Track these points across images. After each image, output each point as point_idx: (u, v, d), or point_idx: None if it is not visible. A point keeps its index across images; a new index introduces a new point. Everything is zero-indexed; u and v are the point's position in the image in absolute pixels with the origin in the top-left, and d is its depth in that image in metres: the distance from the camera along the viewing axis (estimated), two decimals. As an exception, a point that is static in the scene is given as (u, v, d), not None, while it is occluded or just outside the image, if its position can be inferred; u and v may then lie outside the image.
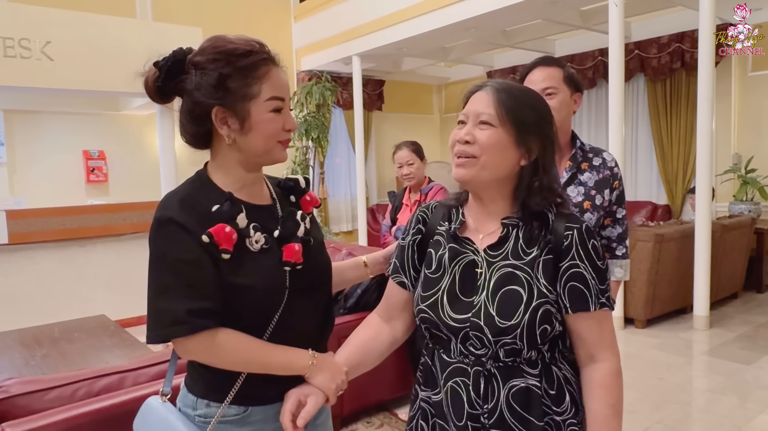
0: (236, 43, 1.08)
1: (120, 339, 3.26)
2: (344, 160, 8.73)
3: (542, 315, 1.05)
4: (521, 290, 1.07)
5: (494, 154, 1.08)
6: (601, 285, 1.09)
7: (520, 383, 1.08)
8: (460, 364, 1.11)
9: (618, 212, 1.95)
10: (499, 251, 1.11)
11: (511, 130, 1.08)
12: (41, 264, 4.82)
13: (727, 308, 5.24)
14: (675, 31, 6.45)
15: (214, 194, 1.10)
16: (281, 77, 1.12)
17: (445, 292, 1.13)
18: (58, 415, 1.38)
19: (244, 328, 1.06)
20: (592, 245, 1.09)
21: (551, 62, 1.82)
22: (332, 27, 7.37)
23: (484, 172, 1.09)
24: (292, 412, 1.07)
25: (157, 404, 1.14)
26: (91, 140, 6.63)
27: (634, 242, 4.60)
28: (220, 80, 1.05)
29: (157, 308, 1.02)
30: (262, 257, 1.09)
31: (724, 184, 6.28)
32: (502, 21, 6.00)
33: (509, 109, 1.08)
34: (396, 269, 1.25)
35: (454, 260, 1.15)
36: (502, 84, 1.13)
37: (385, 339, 1.24)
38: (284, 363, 1.10)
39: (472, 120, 1.10)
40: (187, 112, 1.10)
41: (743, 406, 3.20)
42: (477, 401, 1.09)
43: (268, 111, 1.08)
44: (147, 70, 1.11)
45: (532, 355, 1.08)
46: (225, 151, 1.12)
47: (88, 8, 5.45)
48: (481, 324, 1.07)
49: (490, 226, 1.14)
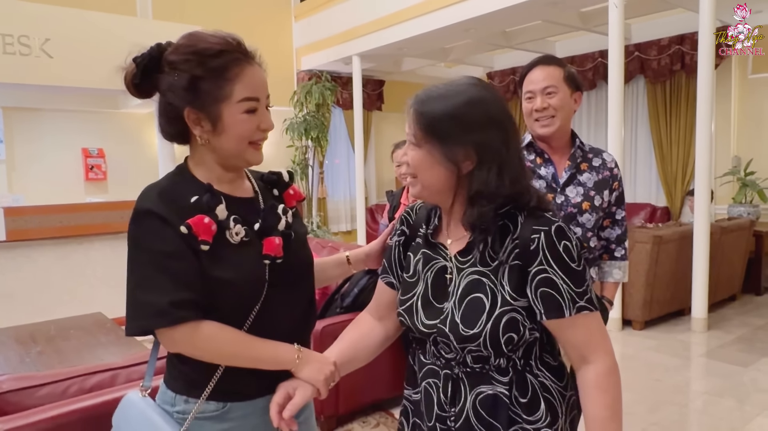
0: (210, 41, 1.06)
1: (116, 337, 3.25)
2: (344, 160, 8.72)
3: (506, 323, 1.03)
4: (484, 298, 1.05)
5: (424, 172, 1.07)
6: (578, 288, 1.02)
7: (487, 390, 1.08)
8: (433, 366, 1.13)
9: (617, 213, 1.94)
10: (467, 257, 1.10)
11: (432, 147, 1.04)
12: (39, 261, 4.82)
13: (725, 310, 5.23)
14: (675, 33, 6.44)
15: (194, 187, 1.09)
16: (256, 76, 1.09)
17: (420, 298, 1.13)
18: (49, 412, 1.37)
19: (223, 321, 1.05)
20: (563, 247, 1.02)
21: (551, 61, 1.81)
22: (332, 27, 7.36)
23: (425, 191, 1.10)
24: (280, 404, 1.06)
25: (137, 398, 1.13)
26: (90, 138, 6.63)
27: (632, 244, 4.59)
28: (191, 82, 1.04)
29: (138, 299, 1.01)
30: (242, 250, 1.09)
31: (724, 187, 6.27)
32: (502, 22, 6.00)
33: (425, 127, 1.04)
34: (384, 269, 1.26)
35: (427, 266, 1.15)
36: (426, 97, 1.07)
37: (376, 336, 1.25)
38: (271, 356, 1.09)
39: (408, 141, 1.10)
40: (162, 111, 1.10)
41: (741, 408, 3.19)
42: (445, 403, 1.10)
43: (240, 112, 1.07)
44: (127, 65, 1.09)
45: (501, 362, 1.07)
46: (201, 150, 1.12)
47: (88, 6, 5.45)
48: (446, 331, 1.07)
49: (459, 232, 1.13)
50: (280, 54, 7.85)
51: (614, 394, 1.06)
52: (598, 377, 1.05)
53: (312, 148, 7.67)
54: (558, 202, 1.80)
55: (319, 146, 7.57)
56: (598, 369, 1.05)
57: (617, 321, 4.68)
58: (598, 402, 1.05)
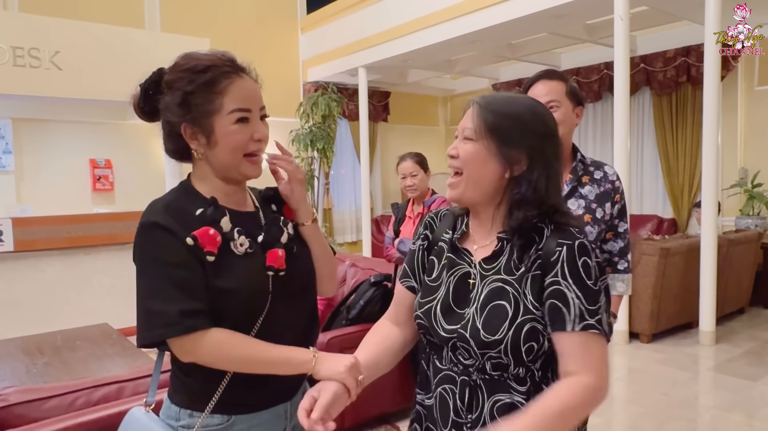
0: (199, 59, 1.10)
1: (122, 348, 3.26)
2: (349, 171, 8.75)
3: (527, 332, 1.03)
4: (508, 305, 1.05)
5: (474, 167, 1.08)
6: (590, 306, 1.01)
7: (505, 398, 1.07)
8: (450, 372, 1.12)
9: (620, 226, 1.94)
10: (492, 265, 1.10)
11: (491, 143, 1.07)
12: (46, 271, 4.85)
13: (733, 323, 5.19)
14: (680, 45, 6.45)
15: (198, 201, 1.12)
16: (246, 87, 1.12)
17: (440, 302, 1.13)
18: (55, 424, 1.38)
19: None
20: (583, 263, 1.02)
21: (554, 76, 1.82)
22: (338, 39, 7.42)
23: (469, 189, 1.10)
24: (307, 409, 1.02)
25: (140, 414, 1.14)
26: (97, 149, 6.68)
27: (639, 256, 4.57)
28: (183, 98, 1.08)
29: (148, 310, 1.03)
30: (246, 261, 1.11)
31: (731, 199, 6.25)
32: (508, 34, 6.03)
33: (489, 123, 1.08)
34: (405, 273, 1.25)
35: (451, 270, 1.15)
36: (492, 98, 1.12)
37: (397, 340, 1.24)
38: (285, 358, 1.08)
39: (460, 135, 1.12)
40: (164, 130, 1.14)
41: (750, 423, 3.15)
42: (462, 409, 1.09)
43: (231, 123, 1.09)
44: (135, 92, 1.14)
45: (520, 372, 1.06)
46: (201, 164, 1.15)
47: (97, 19, 5.52)
48: (467, 336, 1.06)
49: (486, 239, 1.14)
50: (287, 66, 7.90)
51: (577, 403, 0.98)
52: (574, 382, 1.00)
53: (318, 159, 7.70)
54: None
55: (325, 157, 7.60)
56: (581, 379, 1.00)
57: (624, 334, 4.65)
58: (557, 394, 0.98)
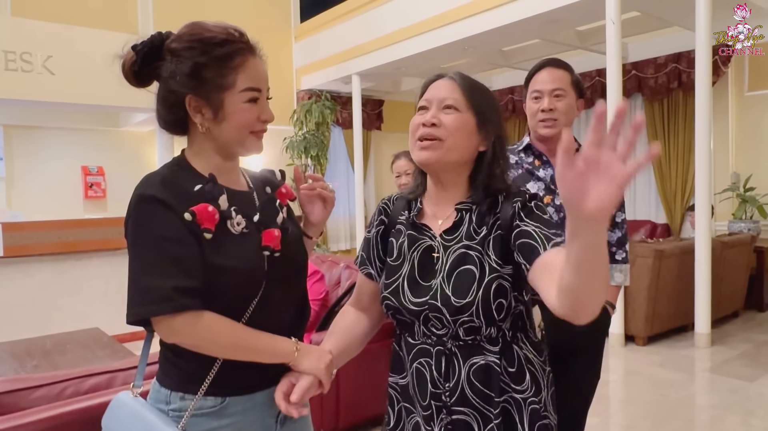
0: (213, 31, 1.07)
1: (112, 351, 3.21)
2: (343, 179, 8.74)
3: (496, 289, 1.07)
4: (474, 268, 1.10)
5: (459, 137, 1.12)
6: (551, 230, 1.07)
7: (480, 360, 1.10)
8: (424, 345, 1.15)
9: (617, 216, 1.93)
10: (453, 235, 1.15)
11: (473, 116, 1.14)
12: (36, 277, 4.79)
13: (728, 326, 5.18)
14: (672, 52, 6.52)
15: (195, 177, 1.09)
16: (258, 67, 1.10)
17: (406, 278, 1.16)
18: (42, 413, 1.34)
19: (222, 314, 1.04)
20: (535, 205, 1.12)
21: (559, 65, 1.82)
22: (332, 46, 7.45)
23: (450, 155, 1.13)
24: (285, 392, 1.07)
25: (128, 399, 1.10)
26: (90, 156, 6.64)
27: (633, 258, 4.57)
28: (194, 69, 1.04)
29: (140, 285, 0.99)
30: (242, 240, 1.08)
31: (723, 203, 6.28)
32: (500, 40, 6.07)
33: (472, 96, 1.14)
34: (363, 261, 1.28)
35: (413, 246, 1.18)
36: (463, 74, 1.19)
37: (364, 325, 1.27)
38: (270, 348, 1.08)
39: (436, 105, 1.14)
40: (162, 99, 1.10)
41: (747, 423, 3.13)
42: (439, 380, 1.12)
43: (243, 101, 1.07)
44: (125, 53, 1.09)
45: (492, 332, 1.10)
46: (200, 138, 1.11)
47: (90, 23, 5.52)
48: (438, 305, 1.10)
49: (446, 211, 1.18)
50: (281, 74, 7.91)
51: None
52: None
53: (312, 166, 7.69)
54: (557, 203, 1.79)
55: (318, 164, 7.58)
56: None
57: (620, 336, 4.63)
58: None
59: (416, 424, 1.16)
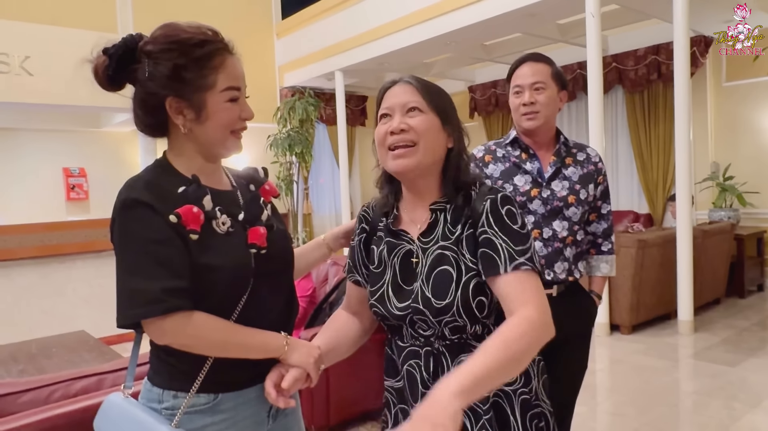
0: (189, 31, 1.06)
1: (99, 353, 3.19)
2: (328, 176, 8.73)
3: (474, 288, 1.07)
4: (450, 269, 1.10)
5: (431, 137, 1.11)
6: (517, 247, 1.05)
7: (467, 357, 1.06)
8: (413, 347, 1.16)
9: (603, 207, 1.96)
10: (430, 237, 1.15)
11: (435, 115, 1.13)
12: (19, 281, 4.72)
13: (710, 313, 5.27)
14: (651, 44, 6.59)
15: (178, 179, 1.09)
16: (236, 66, 1.11)
17: (389, 284, 1.17)
18: (32, 417, 1.33)
19: (212, 312, 1.04)
20: (506, 210, 1.09)
21: (540, 58, 1.85)
22: (314, 43, 7.42)
23: (426, 157, 1.12)
24: (275, 382, 1.08)
25: (119, 400, 1.10)
26: (71, 157, 6.56)
27: (617, 248, 4.57)
28: (174, 71, 1.04)
29: (129, 288, 0.99)
30: (228, 239, 1.09)
31: (703, 192, 6.38)
32: (482, 34, 6.09)
33: (431, 96, 1.14)
34: (350, 269, 1.29)
35: (392, 253, 1.19)
36: (419, 79, 1.17)
37: (355, 329, 1.29)
38: (261, 343, 1.09)
39: (399, 110, 1.13)
40: (140, 102, 1.09)
41: (730, 406, 3.20)
42: (429, 380, 1.12)
43: (224, 101, 1.07)
44: (96, 57, 1.08)
45: (477, 329, 1.11)
46: (181, 140, 1.11)
47: (68, 23, 5.43)
48: (420, 308, 1.10)
49: (422, 215, 1.18)
50: (263, 71, 7.87)
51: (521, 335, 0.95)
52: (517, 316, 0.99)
53: (296, 163, 7.66)
54: (544, 196, 1.82)
55: (303, 162, 7.57)
56: (521, 312, 0.99)
57: (605, 326, 4.69)
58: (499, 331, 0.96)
59: None
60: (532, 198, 1.81)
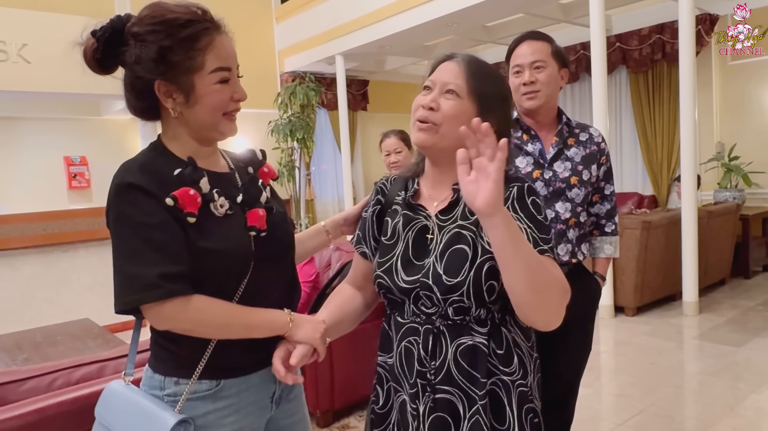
0: (176, 11, 1.02)
1: (104, 341, 3.20)
2: (330, 161, 8.69)
3: (487, 271, 1.06)
4: (467, 248, 1.09)
5: (454, 125, 1.07)
6: (542, 234, 1.07)
7: (467, 341, 1.10)
8: (413, 323, 1.15)
9: (606, 188, 1.93)
10: (449, 215, 1.15)
11: (474, 103, 1.11)
12: (22, 270, 4.73)
13: (715, 294, 5.26)
14: (655, 23, 6.49)
15: (173, 161, 1.06)
16: (226, 45, 1.07)
17: (399, 257, 1.16)
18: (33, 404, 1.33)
19: (213, 296, 1.03)
20: (532, 201, 1.10)
21: (539, 36, 1.81)
22: (314, 27, 7.34)
23: (443, 141, 1.11)
24: (283, 358, 1.07)
25: (120, 387, 1.09)
26: (72, 146, 6.54)
27: (621, 230, 4.56)
28: (160, 53, 1.00)
29: (126, 274, 0.98)
30: (227, 222, 1.07)
31: (708, 173, 6.32)
32: (483, 16, 6.01)
33: (476, 83, 1.12)
34: (359, 240, 1.29)
35: (408, 226, 1.18)
36: (472, 57, 1.16)
37: (359, 303, 1.28)
38: (265, 321, 1.08)
39: (439, 88, 1.13)
40: (130, 85, 1.06)
41: (735, 387, 3.20)
42: (425, 358, 1.12)
43: (214, 82, 1.04)
44: (85, 40, 1.05)
45: (481, 314, 1.10)
46: (174, 123, 1.08)
47: (66, 10, 5.38)
48: (429, 284, 1.09)
49: (443, 193, 1.17)
50: (263, 56, 7.80)
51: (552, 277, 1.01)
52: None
53: (298, 149, 7.62)
54: (546, 177, 1.79)
55: (305, 147, 7.52)
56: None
57: (610, 308, 4.69)
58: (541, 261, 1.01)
59: (403, 402, 1.16)
60: (534, 179, 1.79)
